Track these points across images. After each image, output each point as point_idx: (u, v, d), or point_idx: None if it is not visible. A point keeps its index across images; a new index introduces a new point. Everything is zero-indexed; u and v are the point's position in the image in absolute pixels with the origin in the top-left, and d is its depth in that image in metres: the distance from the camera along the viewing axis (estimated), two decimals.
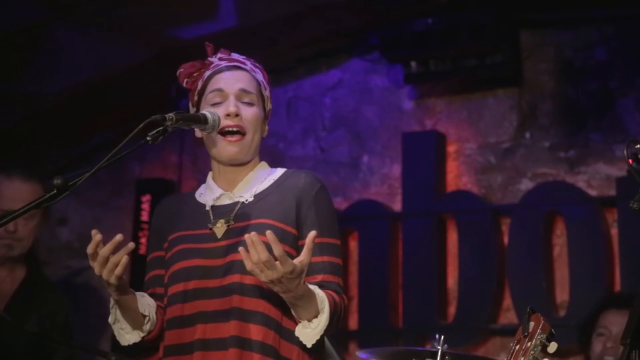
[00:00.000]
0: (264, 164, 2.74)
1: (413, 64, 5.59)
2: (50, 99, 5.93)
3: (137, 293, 2.60)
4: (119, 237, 2.44)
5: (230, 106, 2.63)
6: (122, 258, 2.43)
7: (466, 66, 5.48)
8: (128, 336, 2.61)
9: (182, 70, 2.75)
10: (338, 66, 6.08)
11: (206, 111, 2.62)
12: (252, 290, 2.50)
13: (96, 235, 2.45)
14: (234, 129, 2.63)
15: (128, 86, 6.00)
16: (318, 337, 2.47)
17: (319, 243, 2.54)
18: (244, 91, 2.67)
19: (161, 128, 2.48)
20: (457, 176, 5.64)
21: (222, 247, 2.56)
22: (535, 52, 5.60)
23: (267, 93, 2.74)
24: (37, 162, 6.11)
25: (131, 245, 2.44)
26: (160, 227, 2.72)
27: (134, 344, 2.63)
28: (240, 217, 2.60)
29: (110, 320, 2.63)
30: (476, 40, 5.33)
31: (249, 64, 2.74)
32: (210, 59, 2.75)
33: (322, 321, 2.46)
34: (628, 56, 5.39)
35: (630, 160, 2.58)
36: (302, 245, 2.47)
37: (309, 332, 2.47)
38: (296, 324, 2.51)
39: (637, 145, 2.57)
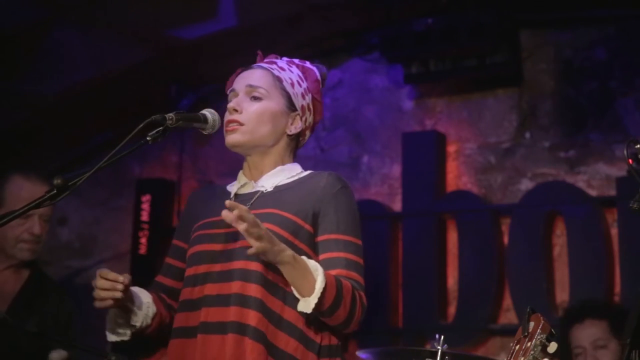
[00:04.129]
0: (297, 164, 2.79)
1: (413, 64, 5.59)
2: (50, 99, 5.94)
3: (144, 300, 2.64)
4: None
5: (231, 103, 2.70)
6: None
7: (466, 66, 5.48)
8: (114, 336, 2.68)
9: (229, 81, 2.82)
10: (338, 66, 6.08)
11: (206, 111, 2.65)
12: (255, 276, 2.52)
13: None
14: (233, 124, 2.68)
15: (128, 86, 6.00)
16: (316, 300, 2.46)
17: (336, 239, 2.60)
18: (250, 87, 2.71)
19: (161, 128, 2.49)
20: (457, 176, 5.65)
21: (232, 233, 2.58)
22: (535, 52, 5.60)
23: (295, 89, 2.76)
24: (37, 162, 6.10)
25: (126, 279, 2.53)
26: (188, 218, 2.77)
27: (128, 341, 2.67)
28: (257, 205, 2.64)
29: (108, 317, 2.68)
30: (476, 40, 5.33)
31: (279, 63, 2.79)
32: (255, 65, 2.81)
33: (318, 283, 2.46)
34: (628, 56, 5.39)
35: (630, 160, 2.58)
36: (320, 242, 2.59)
37: (308, 300, 2.48)
38: (298, 316, 2.54)
39: (637, 145, 2.57)
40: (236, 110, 2.67)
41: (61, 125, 6.20)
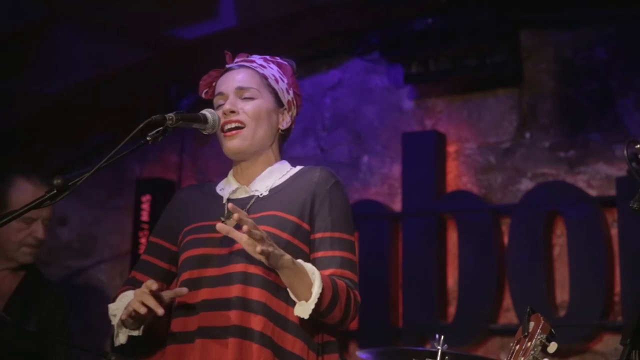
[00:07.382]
0: (285, 162, 2.77)
1: (413, 64, 5.59)
2: (50, 99, 5.94)
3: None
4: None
5: (226, 104, 2.68)
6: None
7: (466, 66, 5.49)
8: (120, 337, 2.68)
9: (201, 82, 2.80)
10: (338, 66, 6.08)
11: (206, 111, 2.65)
12: (256, 280, 2.51)
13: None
14: (232, 125, 2.66)
15: (128, 86, 6.00)
16: (313, 306, 2.44)
17: (330, 237, 2.58)
18: (241, 88, 2.70)
19: (161, 128, 2.49)
20: (457, 176, 5.65)
21: (228, 237, 2.56)
22: (535, 52, 5.60)
23: (280, 85, 2.75)
24: (37, 162, 6.10)
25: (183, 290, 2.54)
26: (172, 218, 2.75)
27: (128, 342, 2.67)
28: (253, 210, 2.62)
29: (114, 322, 2.69)
30: (476, 40, 5.33)
31: (258, 61, 2.76)
32: (227, 65, 2.78)
33: (315, 288, 2.45)
34: (628, 56, 5.39)
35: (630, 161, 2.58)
36: (314, 240, 2.57)
37: (305, 305, 2.46)
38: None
39: (637, 145, 2.57)
40: (232, 112, 2.66)
41: (61, 125, 6.20)
